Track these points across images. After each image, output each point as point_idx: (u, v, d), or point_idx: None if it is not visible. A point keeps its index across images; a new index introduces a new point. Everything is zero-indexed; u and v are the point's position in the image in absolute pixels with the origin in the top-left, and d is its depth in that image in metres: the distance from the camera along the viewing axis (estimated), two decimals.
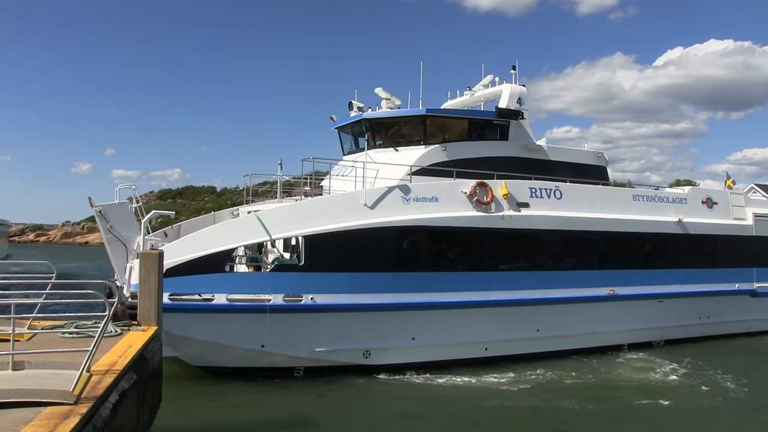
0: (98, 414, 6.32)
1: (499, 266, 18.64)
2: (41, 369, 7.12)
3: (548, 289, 19.08)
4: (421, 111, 19.90)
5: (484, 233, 18.33)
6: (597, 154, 23.21)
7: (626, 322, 20.84)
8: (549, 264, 19.45)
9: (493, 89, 22.42)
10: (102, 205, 15.73)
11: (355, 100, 21.35)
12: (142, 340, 9.60)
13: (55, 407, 5.98)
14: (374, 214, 17.01)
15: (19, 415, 5.71)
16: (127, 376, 7.84)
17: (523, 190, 19.31)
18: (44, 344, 8.78)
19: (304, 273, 16.09)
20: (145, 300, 10.90)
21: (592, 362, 19.45)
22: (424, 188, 17.85)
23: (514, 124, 20.85)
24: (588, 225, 20.01)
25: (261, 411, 14.30)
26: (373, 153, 19.88)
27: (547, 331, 19.12)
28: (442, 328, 17.64)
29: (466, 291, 17.86)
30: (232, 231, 16.04)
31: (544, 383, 17.01)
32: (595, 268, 20.15)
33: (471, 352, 18.14)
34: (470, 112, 22.11)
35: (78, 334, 9.47)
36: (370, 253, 16.77)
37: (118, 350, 8.71)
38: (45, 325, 10.42)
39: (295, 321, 15.97)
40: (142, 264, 10.98)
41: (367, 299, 16.63)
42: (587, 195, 20.65)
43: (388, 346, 17.13)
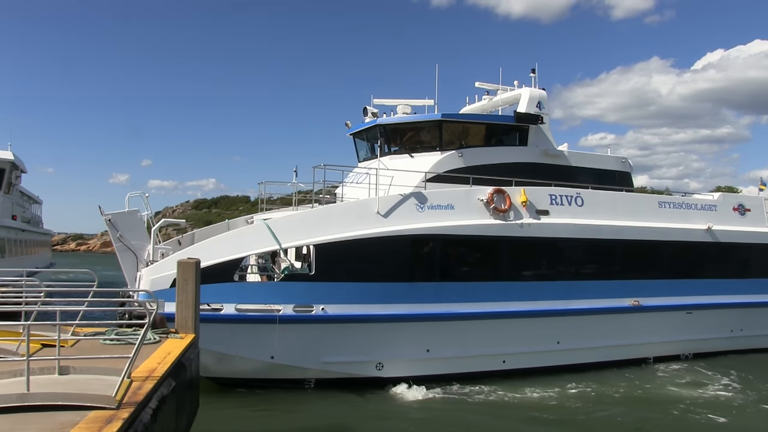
0: (139, 419, 6.50)
1: (517, 276, 18.00)
2: (85, 374, 7.35)
3: (569, 299, 18.39)
4: (437, 116, 19.37)
5: (502, 242, 17.74)
6: (621, 160, 22.42)
7: (652, 335, 20.01)
8: (570, 274, 18.75)
9: (512, 93, 21.82)
10: (111, 214, 15.53)
11: (370, 105, 20.95)
12: (180, 347, 9.73)
13: (98, 411, 6.19)
14: (387, 222, 16.55)
15: (66, 418, 5.92)
16: (166, 383, 7.99)
17: (542, 197, 18.67)
18: (87, 350, 9.10)
19: (315, 283, 15.68)
20: (183, 308, 11.02)
21: (626, 375, 18.79)
22: (439, 195, 17.34)
23: (533, 128, 20.22)
24: (611, 233, 19.28)
25: (292, 420, 14.23)
26: (387, 159, 19.48)
27: (567, 343, 18.42)
28: (458, 339, 17.08)
29: (482, 302, 17.29)
30: (241, 240, 15.70)
31: (578, 397, 16.43)
32: (618, 278, 19.36)
33: (488, 365, 17.55)
34: (488, 117, 21.53)
35: (118, 341, 9.77)
36: (383, 262, 16.30)
37: (157, 357, 8.88)
38: (87, 332, 10.61)
39: (305, 332, 15.57)
40: (179, 273, 11.11)
41: (380, 310, 16.16)
42: (610, 202, 19.90)
43: (401, 358, 16.63)
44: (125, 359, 6.88)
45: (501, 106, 22.58)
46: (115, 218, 15.43)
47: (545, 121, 20.47)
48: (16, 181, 29.77)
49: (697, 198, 23.10)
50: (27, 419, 5.95)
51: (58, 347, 7.29)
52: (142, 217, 16.15)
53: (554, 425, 14.41)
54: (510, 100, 21.99)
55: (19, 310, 9.47)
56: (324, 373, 16.07)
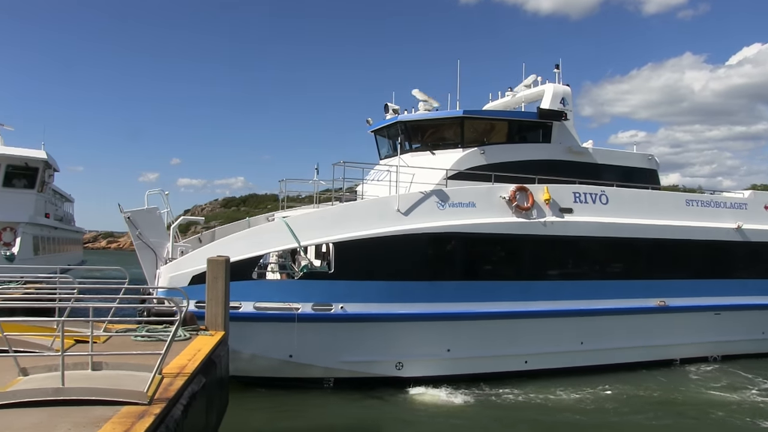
0: (170, 415, 6.55)
1: (540, 275, 17.65)
2: (117, 370, 7.41)
3: (593, 299, 17.98)
4: (458, 113, 19.09)
5: (525, 240, 17.41)
6: (647, 157, 21.91)
7: (679, 336, 19.51)
8: (594, 273, 18.33)
9: (535, 89, 21.43)
10: (130, 211, 15.50)
11: (392, 102, 20.70)
12: (210, 344, 9.81)
13: (130, 407, 6.26)
14: (408, 220, 16.33)
15: (99, 413, 6.03)
16: (197, 379, 8.07)
17: (566, 194, 18.29)
18: (118, 347, 9.16)
19: (334, 281, 15.52)
20: (213, 306, 11.10)
21: (657, 377, 18.33)
22: (460, 193, 17.06)
23: (557, 125, 19.82)
24: (636, 232, 18.82)
25: (319, 418, 14.16)
26: (409, 157, 19.24)
27: (591, 343, 18.03)
28: (479, 339, 16.80)
29: (504, 301, 16.98)
30: (260, 237, 15.59)
31: (614, 399, 16.05)
32: (643, 278, 18.89)
33: (510, 366, 17.24)
34: (510, 113, 21.18)
35: (149, 338, 9.92)
36: (403, 260, 16.08)
37: (187, 354, 8.98)
38: (119, 329, 10.67)
39: (324, 331, 15.42)
40: (209, 270, 11.18)
41: (400, 309, 15.95)
42: (636, 200, 19.43)
43: (421, 357, 16.41)
44: (156, 356, 6.93)
45: (524, 102, 22.21)
46: (134, 216, 15.40)
47: (569, 117, 20.07)
48: (49, 179, 30.06)
49: (726, 196, 22.48)
50: (62, 413, 6.03)
51: (91, 343, 7.39)
52: (162, 214, 16.11)
53: (594, 429, 14.06)
54: (533, 96, 21.60)
55: (53, 307, 9.69)
56: (343, 372, 15.90)
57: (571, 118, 20.20)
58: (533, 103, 21.65)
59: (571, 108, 20.30)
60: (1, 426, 5.59)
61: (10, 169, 26.12)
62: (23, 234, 24.85)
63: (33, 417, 5.86)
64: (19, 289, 13.58)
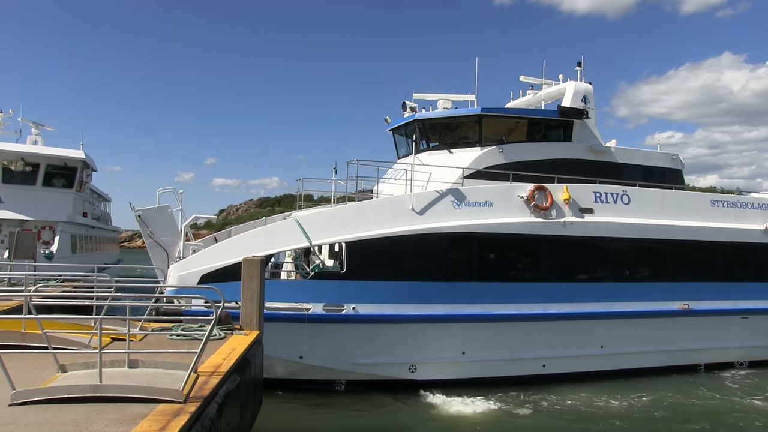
0: (205, 413, 6.59)
1: (558, 277, 17.05)
2: (153, 368, 7.46)
3: (614, 302, 17.35)
4: (476, 110, 18.54)
5: (543, 241, 16.85)
6: (671, 156, 21.13)
7: (704, 340, 18.74)
8: (614, 275, 17.67)
9: (556, 87, 20.82)
10: (142, 210, 15.27)
11: (411, 100, 20.23)
12: (245, 344, 9.86)
13: (166, 404, 6.31)
14: (422, 219, 15.88)
15: (136, 410, 6.09)
16: (232, 378, 8.10)
17: (586, 194, 17.68)
18: (154, 345, 9.32)
19: (346, 281, 15.11)
20: (248, 305, 11.19)
21: (692, 383, 17.52)
22: (477, 192, 16.56)
23: (578, 124, 19.19)
24: (659, 233, 18.13)
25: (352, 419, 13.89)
26: (426, 156, 18.80)
27: (612, 347, 17.39)
28: (496, 342, 16.28)
29: (522, 303, 16.44)
30: (271, 236, 15.25)
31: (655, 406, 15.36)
32: (666, 280, 18.19)
33: (527, 369, 16.68)
34: (530, 111, 20.59)
35: (184, 337, 10.03)
36: (417, 261, 15.63)
37: (222, 353, 9.02)
38: (155, 327, 10.75)
39: (335, 332, 15.02)
40: (244, 270, 11.23)
41: (414, 310, 15.50)
42: (659, 200, 18.73)
43: (435, 360, 15.93)
44: (192, 354, 6.94)
45: (546, 101, 21.58)
46: (145, 214, 15.17)
47: (591, 115, 19.43)
48: (87, 179, 30.51)
49: (754, 197, 21.63)
50: (99, 409, 6.10)
51: (128, 341, 7.41)
52: (173, 213, 15.85)
53: None
54: (555, 94, 20.99)
55: (91, 305, 9.78)
56: (355, 374, 15.48)
57: (593, 117, 19.56)
58: (556, 101, 21.02)
59: (592, 106, 19.66)
60: (42, 421, 5.66)
61: (49, 169, 26.58)
62: (62, 233, 25.17)
63: (72, 413, 5.93)
64: (57, 287, 13.95)
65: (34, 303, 8.38)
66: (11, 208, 24.83)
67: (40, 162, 26.21)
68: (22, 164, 26.45)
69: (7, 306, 12.17)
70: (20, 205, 24.84)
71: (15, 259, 17.19)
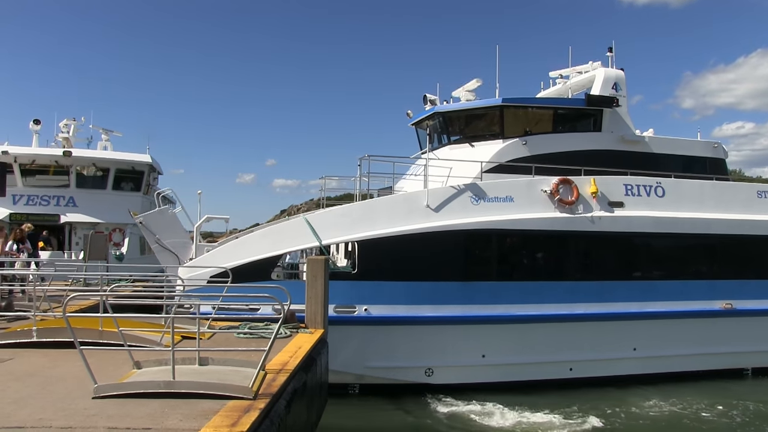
0: (274, 410, 6.61)
1: (586, 275, 15.75)
2: (222, 366, 7.53)
3: (647, 301, 15.93)
4: (497, 101, 17.33)
5: (568, 237, 15.60)
6: (713, 145, 19.38)
7: (749, 343, 17.06)
8: (648, 273, 16.26)
9: (586, 75, 19.37)
10: (142, 216, 14.79)
11: (437, 93, 19.14)
12: (311, 342, 9.94)
13: (236, 401, 6.36)
14: (438, 216, 14.87)
15: (207, 406, 6.16)
16: (298, 376, 8.17)
17: (616, 187, 16.29)
18: (222, 343, 9.40)
19: (358, 282, 14.24)
20: (312, 304, 11.31)
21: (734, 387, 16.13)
22: (496, 187, 15.43)
23: (608, 112, 17.73)
24: (698, 227, 16.57)
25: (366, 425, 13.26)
26: (447, 150, 17.77)
27: (645, 350, 15.99)
28: (518, 345, 15.15)
29: (546, 303, 15.25)
30: (280, 236, 14.51)
31: (724, 413, 14.01)
32: (706, 278, 16.64)
33: (552, 373, 15.49)
34: (555, 101, 19.19)
35: (251, 335, 10.19)
36: (433, 260, 14.63)
37: (288, 351, 9.08)
38: (222, 326, 10.90)
39: (347, 334, 14.11)
40: (309, 269, 11.43)
41: (430, 311, 14.53)
42: (697, 192, 17.13)
43: (453, 364, 14.91)
44: (259, 353, 7.04)
45: (576, 90, 20.15)
46: (147, 220, 14.66)
47: (622, 103, 17.95)
48: (153, 182, 30.97)
49: None
50: (173, 405, 6.20)
51: (198, 339, 7.48)
52: (174, 213, 15.27)
53: None
54: (585, 82, 19.51)
55: (161, 304, 10.11)
56: (368, 378, 14.61)
57: (625, 105, 18.07)
58: (587, 90, 19.57)
59: (624, 93, 18.14)
60: (122, 414, 5.82)
61: (118, 173, 27.12)
62: (131, 234, 25.37)
63: (147, 407, 6.06)
64: (129, 287, 14.04)
65: (109, 302, 8.70)
66: (84, 212, 25.43)
67: (110, 167, 26.80)
68: (93, 169, 27.01)
69: (84, 305, 12.35)
70: (92, 209, 25.43)
71: (89, 260, 17.33)
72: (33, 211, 25.54)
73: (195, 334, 7.62)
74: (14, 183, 25.25)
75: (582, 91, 19.36)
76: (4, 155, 24.99)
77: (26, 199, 25.74)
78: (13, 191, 24.49)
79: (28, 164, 26.28)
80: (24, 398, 6.41)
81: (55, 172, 26.65)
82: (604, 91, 17.93)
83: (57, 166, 26.52)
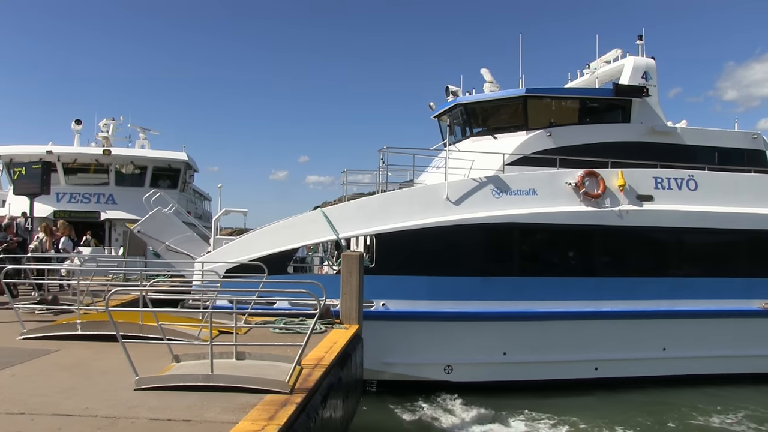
0: (310, 404, 6.56)
1: (613, 271, 14.64)
2: (259, 360, 7.50)
3: (678, 299, 14.73)
4: (520, 92, 16.31)
5: (594, 231, 14.52)
6: (752, 136, 17.87)
7: None
8: (679, 269, 15.00)
9: (614, 65, 18.15)
10: (138, 225, 14.31)
11: (460, 85, 18.25)
12: (346, 337, 9.82)
13: (273, 395, 6.31)
14: (458, 209, 14.01)
15: (245, 400, 6.15)
16: (334, 371, 8.09)
17: (645, 180, 15.11)
18: (258, 338, 9.26)
19: (375, 276, 13.44)
20: (347, 300, 11.13)
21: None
22: (519, 179, 14.46)
23: (637, 102, 16.49)
24: (733, 222, 15.24)
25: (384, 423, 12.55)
26: (470, 142, 16.86)
27: (676, 350, 14.77)
28: (541, 342, 14.16)
29: (570, 300, 14.21)
30: (296, 229, 13.84)
31: None
32: (743, 276, 15.28)
33: (576, 373, 14.43)
34: (581, 91, 18.01)
35: (287, 330, 10.06)
36: (453, 254, 13.77)
37: (324, 346, 8.97)
38: (258, 321, 10.73)
39: (364, 329, 13.41)
40: (344, 265, 11.16)
41: (449, 307, 13.67)
42: (733, 185, 15.77)
43: (473, 361, 14.02)
44: (295, 348, 7.03)
45: (604, 80, 18.93)
46: (144, 227, 14.19)
47: (652, 93, 16.70)
48: (189, 179, 31.33)
49: None
50: (211, 398, 6.20)
51: (235, 334, 7.39)
52: (167, 212, 14.77)
53: None
54: (614, 72, 18.28)
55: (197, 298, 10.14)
56: (386, 375, 13.82)
57: (655, 94, 16.82)
58: (616, 80, 18.37)
59: (654, 83, 16.88)
60: (163, 406, 5.85)
61: (155, 171, 27.43)
62: None
63: (187, 400, 6.08)
64: (167, 282, 13.97)
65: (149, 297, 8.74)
66: (124, 209, 25.62)
67: (148, 165, 27.08)
68: (132, 167, 27.31)
69: (123, 299, 12.27)
70: (131, 206, 25.28)
71: (128, 256, 17.40)
72: (75, 208, 25.76)
73: (231, 328, 7.56)
74: (57, 181, 25.49)
75: (610, 81, 18.16)
76: (48, 155, 25.23)
77: (69, 197, 26.04)
78: (56, 189, 24.67)
79: (71, 163, 26.53)
80: (71, 388, 6.51)
81: (95, 171, 26.91)
82: (634, 81, 16.72)
83: (97, 165, 26.76)
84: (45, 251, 14.16)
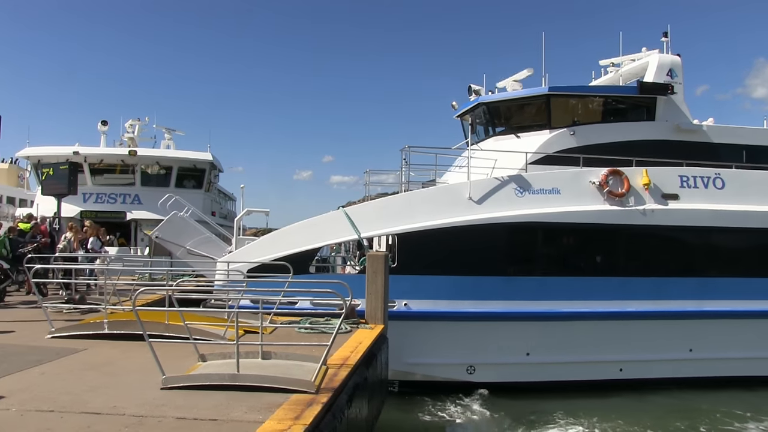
0: (336, 404, 6.54)
1: (638, 271, 14.39)
2: (284, 360, 7.47)
3: (704, 299, 14.43)
4: (543, 90, 16.10)
5: (618, 231, 14.29)
6: None
7: None
8: (705, 269, 14.70)
9: (639, 62, 17.84)
10: (156, 231, 14.39)
11: (483, 84, 18.06)
12: (371, 337, 9.77)
13: (299, 395, 6.29)
14: (481, 209, 13.87)
15: (271, 399, 6.15)
16: (359, 371, 8.05)
17: (670, 178, 14.83)
18: (284, 338, 9.27)
19: (397, 276, 13.34)
20: (372, 300, 11.10)
21: None
22: (542, 179, 14.28)
23: (662, 100, 16.20)
24: (760, 221, 14.90)
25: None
26: (492, 141, 16.70)
27: (702, 351, 14.48)
28: (565, 343, 13.97)
29: (594, 300, 13.99)
30: (318, 229, 13.82)
31: None
32: None
33: (600, 374, 14.21)
34: (604, 89, 17.75)
35: (312, 330, 9.99)
36: (475, 253, 13.64)
37: (349, 346, 8.93)
38: (284, 321, 10.74)
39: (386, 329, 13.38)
40: (369, 265, 11.11)
41: (472, 307, 13.55)
42: (760, 183, 15.44)
43: (496, 361, 13.88)
44: (320, 347, 6.95)
45: (629, 78, 18.61)
46: (162, 233, 14.25)
47: (677, 90, 16.39)
48: (214, 180, 31.41)
49: None
50: (238, 397, 6.22)
51: (261, 334, 7.40)
52: (182, 216, 14.80)
53: None
54: (638, 70, 17.96)
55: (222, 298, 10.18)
56: (409, 375, 13.73)
57: (680, 92, 16.51)
58: (641, 78, 18.03)
59: (680, 80, 16.56)
60: (189, 405, 5.87)
61: (180, 171, 27.39)
62: None
63: (213, 399, 6.11)
64: (192, 282, 13.94)
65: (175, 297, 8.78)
66: (149, 209, 25.54)
67: (173, 165, 27.06)
68: (157, 168, 27.40)
69: (149, 299, 12.36)
70: (156, 206, 25.64)
71: (154, 256, 17.39)
72: (101, 208, 25.92)
73: (257, 328, 7.60)
74: (84, 182, 25.75)
75: (635, 79, 17.85)
76: (75, 155, 25.49)
77: (95, 197, 26.18)
78: (83, 190, 24.89)
79: (97, 164, 26.72)
80: (99, 387, 6.55)
81: (121, 171, 27.05)
82: (659, 78, 16.43)
83: (123, 165, 26.91)
84: (73, 251, 14.30)
